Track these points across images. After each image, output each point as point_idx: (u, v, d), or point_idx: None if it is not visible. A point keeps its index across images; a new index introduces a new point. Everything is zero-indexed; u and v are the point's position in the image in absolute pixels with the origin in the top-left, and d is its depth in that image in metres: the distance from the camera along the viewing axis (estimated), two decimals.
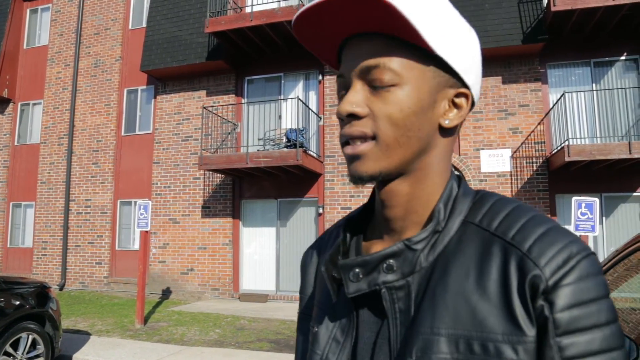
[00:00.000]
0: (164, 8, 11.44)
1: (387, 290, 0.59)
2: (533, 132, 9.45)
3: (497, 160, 9.56)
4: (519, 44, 9.11)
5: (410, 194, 0.63)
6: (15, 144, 13.46)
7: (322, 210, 10.07)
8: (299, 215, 10.46)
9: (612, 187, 8.93)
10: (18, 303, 4.80)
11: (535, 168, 9.35)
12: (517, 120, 9.55)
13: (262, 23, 9.48)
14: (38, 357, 5.02)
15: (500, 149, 9.57)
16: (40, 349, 5.04)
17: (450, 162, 0.66)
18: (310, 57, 10.15)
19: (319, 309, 0.69)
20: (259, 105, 10.84)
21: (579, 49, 9.41)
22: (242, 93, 11.21)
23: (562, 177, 9.19)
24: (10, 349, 4.70)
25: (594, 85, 9.39)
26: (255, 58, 11.09)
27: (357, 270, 0.61)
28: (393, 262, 0.60)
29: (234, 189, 10.80)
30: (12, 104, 13.56)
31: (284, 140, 10.12)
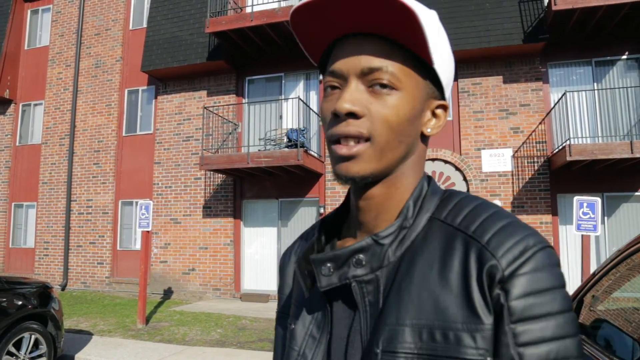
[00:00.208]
0: (165, 8, 11.45)
1: (357, 284, 0.62)
2: (534, 131, 9.45)
3: (498, 160, 9.56)
4: (520, 44, 9.11)
5: (386, 195, 0.65)
6: (17, 145, 13.48)
7: (323, 210, 10.07)
8: (300, 215, 10.47)
9: (613, 186, 8.92)
10: (20, 303, 4.81)
11: (537, 168, 9.35)
12: (518, 120, 9.55)
13: (262, 23, 9.48)
14: (40, 357, 5.03)
15: (502, 149, 9.56)
16: (43, 349, 5.05)
17: (424, 165, 0.70)
18: None
19: (296, 307, 0.71)
20: (260, 105, 10.85)
21: (580, 48, 9.41)
22: (242, 93, 11.21)
23: (563, 176, 9.19)
24: (13, 349, 4.71)
25: (595, 85, 9.38)
26: (256, 58, 11.10)
27: (328, 265, 0.63)
28: (362, 256, 0.62)
29: (235, 189, 10.81)
30: (13, 105, 13.58)
31: (285, 140, 10.12)
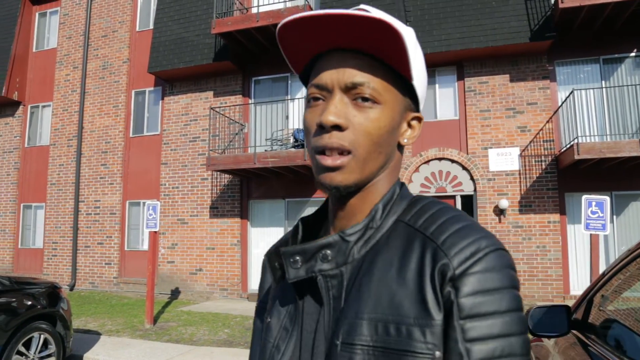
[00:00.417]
0: (171, 10, 11.50)
1: (322, 278, 0.65)
2: (542, 130, 9.39)
3: (505, 159, 9.52)
4: (527, 42, 9.06)
5: (362, 199, 0.69)
6: (26, 146, 13.59)
7: None
8: None
9: (622, 185, 8.85)
10: (30, 303, 4.85)
11: (544, 166, 9.29)
12: (525, 119, 9.50)
13: (268, 23, 9.50)
14: (50, 356, 5.07)
15: (509, 148, 9.52)
16: (52, 349, 5.09)
17: (399, 172, 0.74)
18: None
19: (272, 302, 0.74)
20: (266, 106, 10.87)
21: (588, 46, 9.34)
22: (249, 93, 11.24)
23: (571, 175, 9.13)
24: (23, 349, 4.75)
25: (604, 83, 9.31)
26: (262, 58, 11.12)
27: (297, 258, 0.67)
28: (329, 252, 0.66)
29: (242, 189, 10.83)
30: (22, 107, 13.70)
31: (292, 141, 10.14)
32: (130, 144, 12.23)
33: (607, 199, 6.04)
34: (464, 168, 9.78)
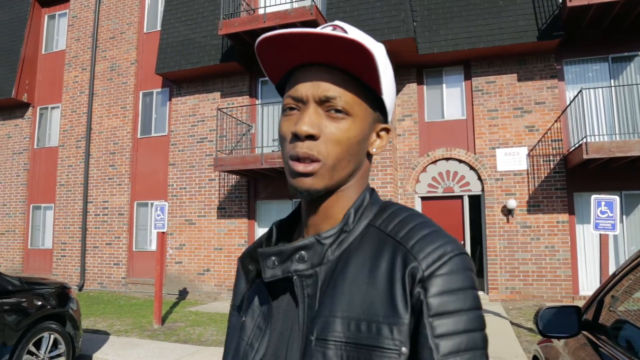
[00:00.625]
0: (178, 11, 11.55)
1: (298, 278, 0.69)
2: (550, 129, 9.34)
3: (513, 159, 9.47)
4: (534, 41, 9.01)
5: (333, 203, 0.74)
6: (35, 147, 13.72)
7: None
8: None
9: (632, 184, 8.77)
10: (40, 303, 4.89)
11: (553, 166, 9.24)
12: (533, 118, 9.45)
13: (275, 24, 9.51)
14: (59, 356, 5.11)
15: (517, 147, 9.47)
16: (62, 349, 5.13)
17: (368, 178, 0.79)
18: None
19: (247, 302, 0.79)
20: (273, 106, 10.89)
21: (596, 45, 9.27)
22: (256, 94, 11.26)
23: (580, 175, 9.07)
24: (33, 348, 4.79)
25: (612, 81, 9.23)
26: None
27: (273, 259, 0.71)
28: (304, 253, 0.70)
29: (249, 190, 10.86)
30: (31, 108, 13.83)
31: None
32: (138, 145, 12.30)
33: (616, 199, 6.00)
34: (472, 168, 9.75)
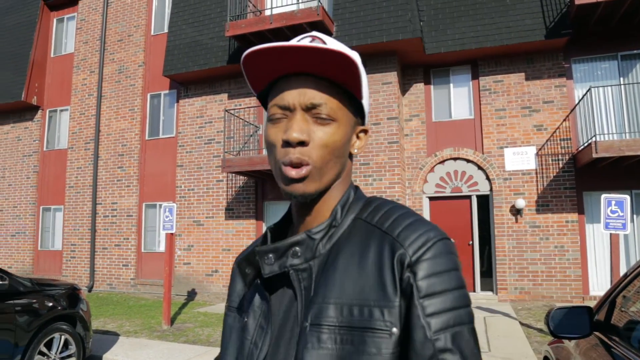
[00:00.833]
0: (185, 13, 11.61)
1: (294, 272, 0.74)
2: (558, 128, 9.27)
3: (521, 158, 9.42)
4: (542, 39, 8.96)
5: (322, 202, 0.79)
6: (44, 150, 13.84)
7: None
8: None
9: None
10: (51, 304, 4.93)
11: (562, 165, 9.17)
12: (541, 117, 9.39)
13: (281, 25, 9.53)
14: (70, 357, 5.15)
15: (525, 147, 9.41)
16: (72, 349, 5.17)
17: (351, 176, 0.85)
18: None
19: (248, 303, 0.82)
20: None
21: (605, 43, 9.19)
22: None
23: (589, 174, 9.00)
24: (45, 349, 4.84)
25: (622, 79, 9.15)
26: None
27: (270, 256, 0.76)
28: (298, 249, 0.75)
29: (257, 191, 10.89)
30: (40, 111, 13.95)
31: None
32: (146, 147, 12.37)
33: (627, 198, 5.94)
34: (480, 168, 9.70)
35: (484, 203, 9.81)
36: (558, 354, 2.68)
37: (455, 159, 9.90)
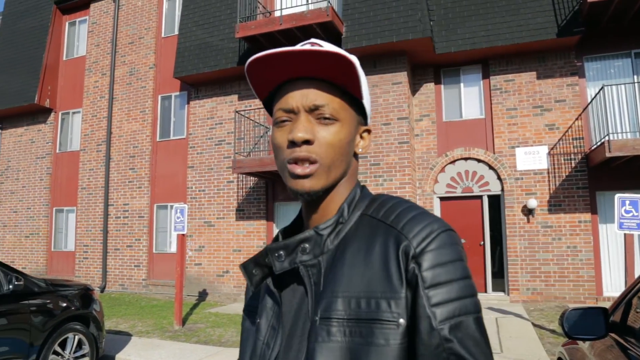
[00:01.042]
0: (195, 15, 11.68)
1: (303, 268, 0.76)
2: (570, 127, 9.18)
3: (533, 158, 9.33)
4: (554, 38, 8.88)
5: (328, 201, 0.81)
6: (57, 152, 14.00)
7: None
8: None
9: None
10: (65, 305, 4.99)
11: (574, 165, 9.08)
12: (553, 116, 9.30)
13: (291, 26, 9.55)
14: (84, 356, 5.21)
15: (537, 146, 9.33)
16: (86, 349, 5.23)
17: (357, 175, 0.87)
18: None
19: (261, 305, 0.84)
20: None
21: (618, 40, 9.09)
22: None
23: (602, 173, 8.89)
24: (59, 349, 4.89)
25: (635, 77, 9.04)
26: None
27: (281, 252, 0.78)
28: (307, 245, 0.77)
29: (268, 192, 10.91)
30: (53, 114, 14.12)
31: None
32: (157, 148, 12.46)
33: None
34: (491, 167, 9.64)
35: (495, 203, 9.74)
36: (572, 356, 2.65)
37: (466, 159, 9.85)
